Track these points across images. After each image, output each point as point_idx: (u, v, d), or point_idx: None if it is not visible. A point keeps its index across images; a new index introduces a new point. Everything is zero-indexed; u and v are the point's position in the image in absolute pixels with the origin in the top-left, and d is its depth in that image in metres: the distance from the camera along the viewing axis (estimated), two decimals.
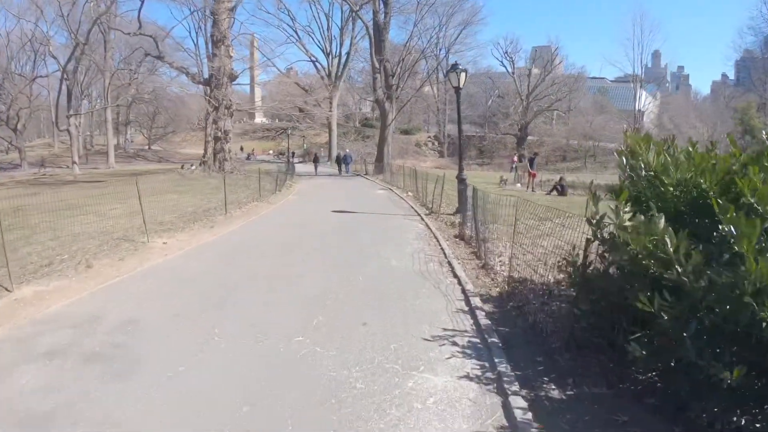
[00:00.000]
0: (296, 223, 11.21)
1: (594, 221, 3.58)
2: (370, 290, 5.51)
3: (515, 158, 30.02)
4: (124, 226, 10.20)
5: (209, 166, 23.00)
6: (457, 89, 10.89)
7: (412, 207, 13.46)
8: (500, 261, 6.68)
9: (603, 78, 75.75)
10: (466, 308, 4.91)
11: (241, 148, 56.46)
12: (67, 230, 9.51)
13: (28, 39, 41.23)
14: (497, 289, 5.55)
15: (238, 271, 6.53)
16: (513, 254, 5.99)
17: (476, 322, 4.48)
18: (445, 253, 7.40)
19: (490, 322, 4.42)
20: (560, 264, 3.86)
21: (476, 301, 5.01)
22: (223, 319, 4.70)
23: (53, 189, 22.08)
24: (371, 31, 30.33)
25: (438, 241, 8.44)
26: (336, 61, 44.02)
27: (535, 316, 4.64)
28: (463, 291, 5.45)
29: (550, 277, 6.16)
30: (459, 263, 6.76)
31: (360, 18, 32.59)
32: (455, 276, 6.08)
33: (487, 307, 4.93)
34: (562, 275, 6.14)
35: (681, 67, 78.85)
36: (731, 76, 77.08)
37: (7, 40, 41.81)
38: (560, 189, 19.90)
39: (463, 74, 10.66)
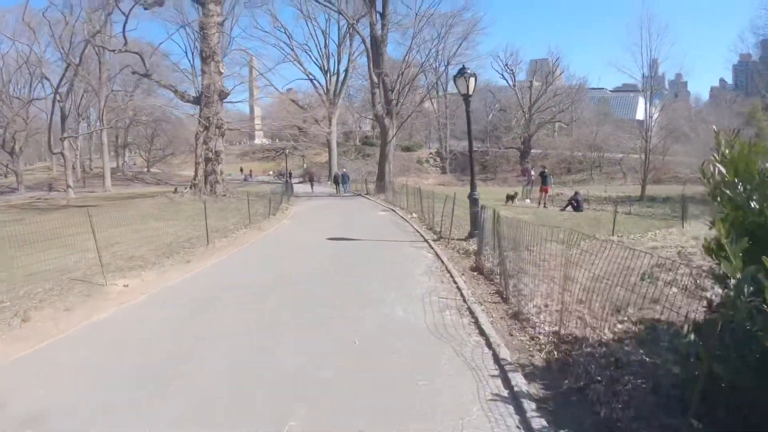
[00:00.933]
0: (285, 255, 9.80)
1: (734, 282, 2.18)
2: (370, 364, 4.05)
3: (532, 171, 27.64)
4: (90, 262, 8.94)
5: (200, 190, 21.60)
6: (466, 96, 9.56)
7: (418, 231, 12.04)
8: (536, 307, 5.26)
9: (602, 88, 74.99)
10: (506, 392, 3.46)
11: (241, 170, 55.78)
12: (27, 268, 8.25)
13: (24, 61, 40.75)
14: (542, 355, 4.11)
15: (197, 331, 5.09)
16: (561, 300, 4.59)
17: (525, 422, 3.03)
18: (463, 296, 5.97)
19: (546, 424, 2.98)
20: (668, 348, 2.44)
21: (518, 379, 3.57)
22: (158, 415, 3.29)
23: (43, 215, 20.85)
24: (368, 45, 29.44)
25: (452, 276, 7.02)
26: (334, 78, 43.38)
27: (607, 407, 3.19)
28: (496, 359, 4.01)
29: (606, 330, 4.76)
30: (483, 311, 5.33)
31: (357, 31, 31.81)
32: (481, 333, 4.63)
33: (534, 389, 3.49)
34: (620, 325, 4.80)
35: (679, 75, 77.81)
36: (729, 80, 76.28)
37: (2, 62, 41.36)
38: (575, 204, 18.52)
39: (472, 79, 9.34)
